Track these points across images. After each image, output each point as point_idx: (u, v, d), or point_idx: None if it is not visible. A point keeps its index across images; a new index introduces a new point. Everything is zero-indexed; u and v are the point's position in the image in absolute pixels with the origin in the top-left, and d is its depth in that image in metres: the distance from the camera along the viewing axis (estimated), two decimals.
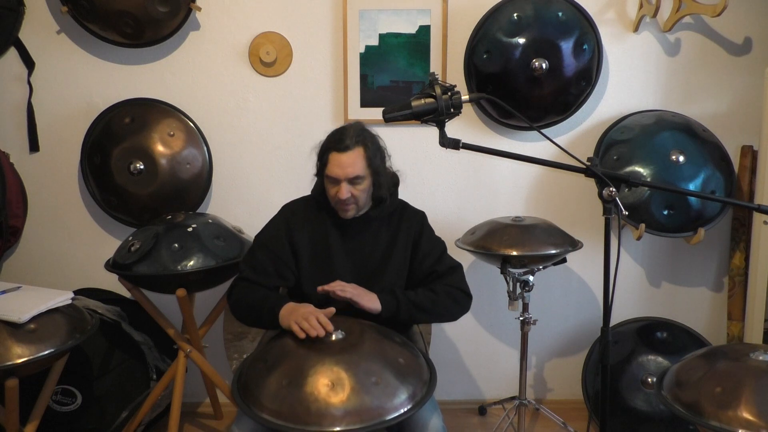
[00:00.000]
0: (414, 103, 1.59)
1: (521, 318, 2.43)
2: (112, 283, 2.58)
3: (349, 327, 1.67)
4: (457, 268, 1.98)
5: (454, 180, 2.75)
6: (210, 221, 2.39)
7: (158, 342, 2.60)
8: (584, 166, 1.58)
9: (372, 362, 1.53)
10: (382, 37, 2.62)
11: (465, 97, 1.59)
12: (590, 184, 2.72)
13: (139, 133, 2.54)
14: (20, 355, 1.86)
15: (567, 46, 2.50)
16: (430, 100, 1.58)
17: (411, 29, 2.61)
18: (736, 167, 2.63)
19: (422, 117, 1.60)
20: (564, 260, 2.39)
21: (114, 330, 2.45)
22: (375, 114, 2.58)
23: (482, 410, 2.84)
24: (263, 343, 1.99)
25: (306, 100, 2.68)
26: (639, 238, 2.46)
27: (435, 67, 2.63)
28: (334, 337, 1.61)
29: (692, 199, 2.46)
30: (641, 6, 2.59)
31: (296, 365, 1.53)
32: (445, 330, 2.87)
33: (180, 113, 2.63)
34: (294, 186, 2.69)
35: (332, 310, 1.72)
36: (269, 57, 2.61)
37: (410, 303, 1.86)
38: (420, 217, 2.04)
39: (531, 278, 2.32)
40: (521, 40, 2.48)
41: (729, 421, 1.47)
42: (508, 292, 2.37)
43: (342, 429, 1.41)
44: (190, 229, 2.30)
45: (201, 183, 2.64)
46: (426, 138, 2.70)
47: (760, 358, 1.59)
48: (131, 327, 2.52)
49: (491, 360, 2.89)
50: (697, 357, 1.71)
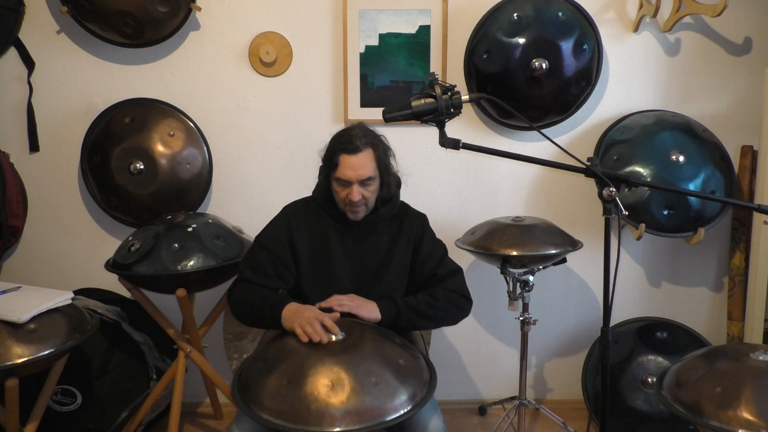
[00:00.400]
0: (414, 103, 1.59)
1: (521, 318, 2.43)
2: (112, 283, 2.58)
3: (350, 327, 1.67)
4: (458, 272, 1.98)
5: (454, 180, 2.75)
6: (210, 221, 2.39)
7: (158, 342, 2.60)
8: (584, 166, 1.58)
9: (372, 363, 1.53)
10: (382, 37, 2.62)
11: (465, 97, 1.59)
12: (590, 184, 2.72)
13: (139, 133, 2.54)
14: (20, 355, 1.86)
15: (567, 46, 2.50)
16: (430, 100, 1.58)
17: (411, 29, 2.61)
18: (736, 167, 2.63)
19: (422, 117, 1.59)
20: (564, 260, 2.39)
21: (114, 330, 2.45)
22: (375, 114, 2.58)
23: (482, 410, 2.84)
24: (263, 343, 1.99)
25: (306, 100, 2.68)
26: (639, 238, 2.46)
27: (435, 67, 2.63)
28: (335, 338, 1.61)
29: (692, 199, 2.46)
30: (641, 6, 2.59)
31: (296, 365, 1.53)
32: (445, 330, 2.86)
33: (180, 113, 2.63)
34: (294, 186, 2.69)
35: (337, 315, 1.72)
36: (269, 57, 2.61)
37: (410, 309, 1.85)
38: (421, 220, 2.04)
39: (531, 278, 2.32)
40: (521, 40, 2.48)
41: (729, 421, 1.47)
42: (508, 292, 2.37)
43: (342, 429, 1.41)
44: (190, 229, 2.30)
45: (201, 183, 2.64)
46: (426, 138, 2.70)
47: (760, 358, 1.59)
48: (131, 327, 2.52)
49: (491, 360, 2.89)
50: (697, 357, 1.71)
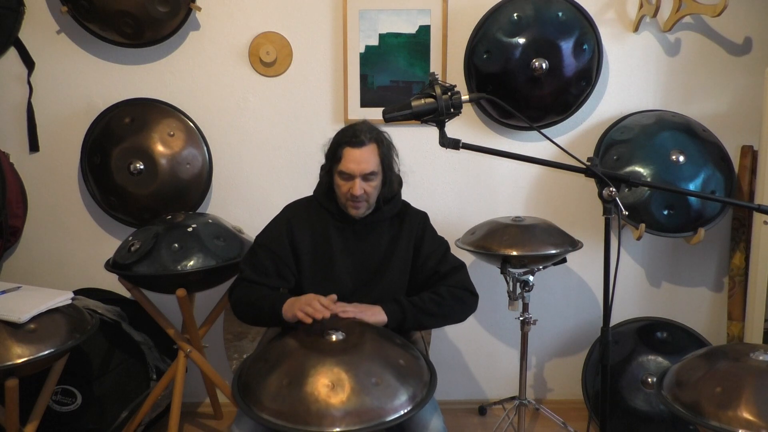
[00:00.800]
0: (414, 103, 1.59)
1: (521, 318, 2.43)
2: (112, 283, 2.58)
3: (350, 328, 1.67)
4: (461, 268, 1.97)
5: (454, 180, 2.75)
6: (210, 221, 2.39)
7: (158, 342, 2.60)
8: (584, 166, 1.58)
9: (372, 363, 1.53)
10: (382, 37, 2.62)
11: (465, 97, 1.59)
12: (590, 184, 2.72)
13: (139, 133, 2.54)
14: (20, 355, 1.86)
15: (567, 46, 2.50)
16: (430, 100, 1.58)
17: (411, 29, 2.61)
18: (736, 167, 2.63)
19: (422, 117, 1.59)
20: (564, 260, 2.39)
21: (114, 330, 2.45)
22: (375, 114, 2.57)
23: (482, 410, 2.84)
24: (263, 343, 1.99)
25: (306, 100, 2.68)
26: (639, 238, 2.46)
27: (435, 67, 2.63)
28: (335, 338, 1.60)
29: (692, 199, 2.46)
30: (641, 6, 2.58)
31: (297, 365, 1.53)
32: (446, 330, 2.86)
33: (180, 113, 2.63)
34: (294, 186, 2.69)
35: (333, 297, 1.75)
36: (269, 57, 2.61)
37: (416, 309, 1.85)
38: (422, 218, 2.04)
39: (531, 278, 2.32)
40: (521, 40, 2.48)
41: (729, 421, 1.47)
42: (508, 292, 2.37)
43: (342, 429, 1.41)
44: (190, 229, 2.30)
45: (201, 183, 2.64)
46: (426, 138, 2.70)
47: (760, 358, 1.59)
48: (131, 327, 2.52)
49: (491, 360, 2.89)
50: (697, 357, 1.71)
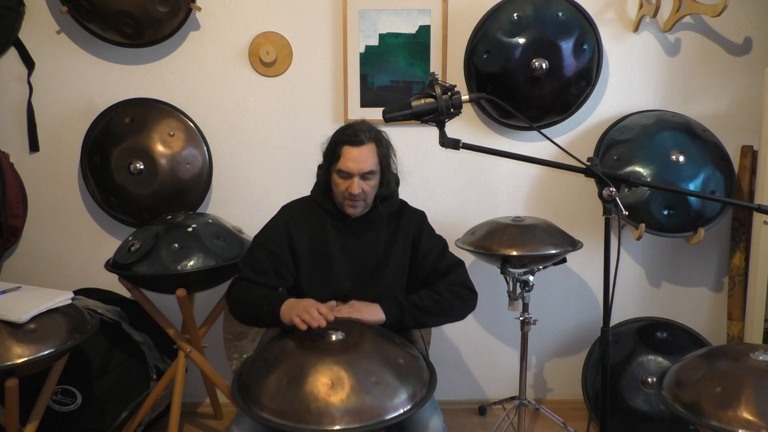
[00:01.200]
0: (414, 103, 1.59)
1: (521, 318, 2.43)
2: (112, 283, 2.58)
3: (349, 327, 1.67)
4: (460, 265, 1.97)
5: (454, 180, 2.75)
6: (210, 221, 2.39)
7: (158, 342, 2.60)
8: (584, 166, 1.58)
9: (372, 362, 1.53)
10: (382, 37, 2.62)
11: (465, 97, 1.59)
12: (590, 184, 2.72)
13: (139, 133, 2.54)
14: (20, 355, 1.86)
15: (567, 46, 2.50)
16: (430, 100, 1.58)
17: (411, 29, 2.61)
18: (736, 167, 2.63)
19: (422, 117, 1.59)
20: (564, 260, 2.39)
21: (114, 330, 2.45)
22: (375, 114, 2.58)
23: (482, 410, 2.84)
24: (263, 343, 1.99)
25: (306, 100, 2.68)
26: (639, 238, 2.46)
27: (435, 67, 2.63)
28: (334, 337, 1.60)
29: (692, 199, 2.46)
30: (641, 6, 2.59)
31: (296, 364, 1.53)
32: (445, 330, 2.86)
33: (180, 113, 2.63)
34: (294, 186, 2.69)
35: (332, 303, 1.72)
36: (269, 57, 2.61)
37: (414, 307, 1.85)
38: (419, 217, 2.04)
39: (531, 278, 2.32)
40: (521, 40, 2.48)
41: (729, 421, 1.47)
42: (508, 292, 2.37)
43: (341, 428, 1.41)
44: (190, 229, 2.30)
45: (201, 183, 2.64)
46: (426, 138, 2.70)
47: (760, 358, 1.59)
48: (131, 327, 2.52)
49: (491, 360, 2.89)
50: (697, 357, 1.71)
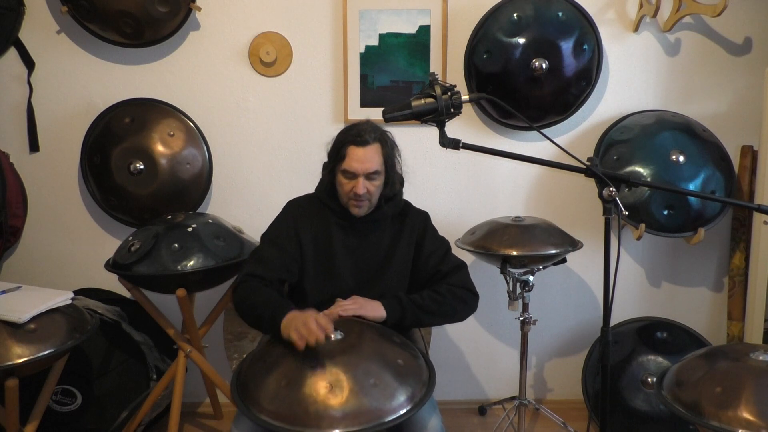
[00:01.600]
0: (414, 103, 1.59)
1: (521, 318, 2.43)
2: (112, 283, 2.58)
3: (349, 328, 1.66)
4: (462, 267, 1.98)
5: (454, 180, 2.75)
6: (210, 221, 2.39)
7: (158, 342, 2.60)
8: (584, 166, 1.58)
9: (371, 363, 1.53)
10: (382, 37, 2.62)
11: (465, 97, 1.59)
12: (590, 184, 2.72)
13: (139, 133, 2.53)
14: (20, 355, 1.86)
15: (567, 46, 2.50)
16: (430, 100, 1.58)
17: (411, 29, 2.61)
18: (736, 167, 2.63)
19: (422, 117, 1.59)
20: (564, 260, 2.39)
21: (114, 330, 2.45)
22: (375, 114, 2.57)
23: (482, 410, 2.84)
24: (263, 343, 1.98)
25: (306, 100, 2.68)
26: (639, 238, 2.46)
27: (435, 67, 2.63)
28: (333, 338, 1.60)
29: (692, 199, 2.46)
30: (641, 6, 2.58)
31: (295, 366, 1.53)
32: (445, 330, 2.86)
33: (180, 113, 2.63)
34: (294, 186, 2.69)
35: (335, 313, 1.72)
36: (269, 57, 2.61)
37: (415, 307, 1.85)
38: (423, 217, 2.04)
39: (531, 278, 2.32)
40: (521, 40, 2.48)
41: (729, 421, 1.47)
42: (508, 292, 2.37)
43: (341, 431, 1.41)
44: (190, 229, 2.30)
45: (201, 183, 2.64)
46: (426, 138, 2.70)
47: (760, 358, 1.59)
48: (131, 327, 2.52)
49: (491, 360, 2.89)
50: (697, 357, 1.71)
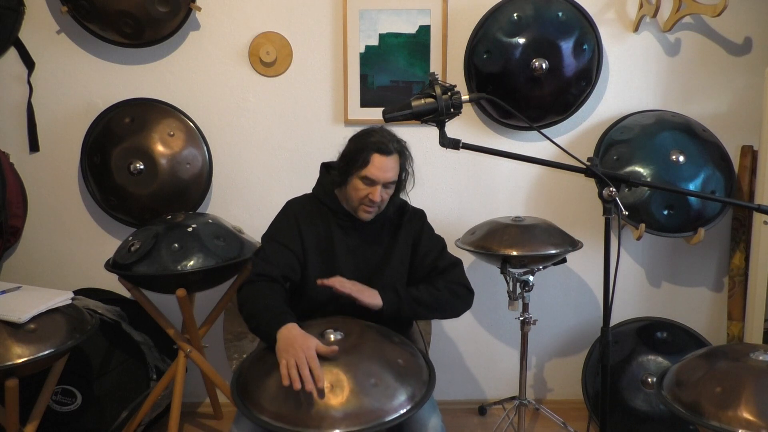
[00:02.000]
0: (414, 103, 1.59)
1: (521, 318, 2.43)
2: (112, 283, 2.58)
3: (349, 328, 1.66)
4: (458, 264, 2.00)
5: (454, 180, 2.75)
6: (210, 221, 2.39)
7: (158, 342, 2.60)
8: (584, 166, 1.58)
9: (371, 363, 1.53)
10: (382, 37, 2.62)
11: (465, 97, 1.59)
12: (590, 184, 2.72)
13: (139, 133, 2.53)
14: (20, 355, 1.86)
15: (567, 46, 2.50)
16: (430, 100, 1.58)
17: (411, 29, 2.61)
18: (736, 167, 2.63)
19: (422, 117, 1.59)
20: (564, 260, 2.39)
21: (114, 330, 2.45)
22: (375, 114, 2.58)
23: (482, 410, 2.84)
24: (263, 344, 1.98)
25: (306, 100, 2.68)
26: (639, 238, 2.46)
27: (435, 67, 2.63)
28: (333, 338, 1.60)
29: (692, 199, 2.46)
30: (641, 6, 2.58)
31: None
32: (445, 330, 2.87)
33: (180, 113, 2.63)
34: (294, 186, 2.68)
35: (335, 349, 1.53)
36: (269, 57, 2.61)
37: (412, 299, 1.87)
38: (420, 216, 2.06)
39: (531, 278, 2.32)
40: (521, 40, 2.48)
41: (729, 421, 1.47)
42: (508, 292, 2.37)
43: (341, 431, 1.41)
44: (190, 229, 2.30)
45: (201, 183, 2.64)
46: (426, 138, 2.70)
47: (760, 358, 1.59)
48: (131, 327, 2.52)
49: (491, 360, 2.89)
50: (697, 357, 1.71)
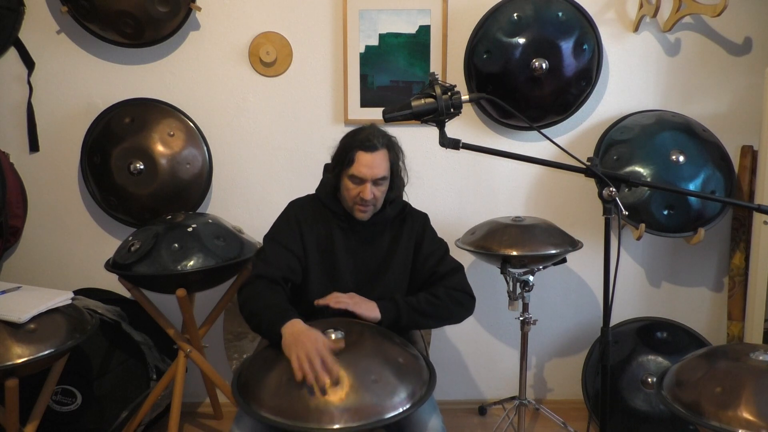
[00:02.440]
0: (414, 103, 1.59)
1: (521, 318, 2.43)
2: (112, 283, 2.58)
3: (349, 327, 1.66)
4: (459, 270, 1.98)
5: (454, 180, 2.75)
6: (210, 221, 2.39)
7: (158, 342, 2.60)
8: (584, 166, 1.58)
9: (372, 361, 1.53)
10: (382, 37, 2.62)
11: (465, 97, 1.59)
12: (590, 184, 2.72)
13: (139, 133, 2.54)
14: (20, 355, 1.87)
15: (567, 46, 2.50)
16: (430, 100, 1.58)
17: (411, 29, 2.61)
18: (736, 167, 2.63)
19: (422, 117, 1.59)
20: (564, 260, 2.39)
21: (114, 330, 2.45)
22: (375, 114, 2.58)
23: (482, 410, 2.84)
24: (263, 343, 1.98)
25: (306, 100, 2.68)
26: (639, 238, 2.46)
27: (435, 67, 2.63)
28: (334, 337, 1.60)
29: (692, 199, 2.46)
30: (641, 6, 2.59)
31: None
32: (445, 330, 2.86)
33: (180, 113, 2.63)
34: (294, 186, 2.69)
35: (342, 342, 1.59)
36: (269, 57, 2.61)
37: (411, 309, 1.85)
38: (422, 219, 2.04)
39: (531, 278, 2.32)
40: (521, 40, 2.48)
41: (729, 421, 1.47)
42: (508, 292, 2.37)
43: (341, 427, 1.41)
44: (190, 229, 2.30)
45: (201, 183, 2.64)
46: (426, 138, 2.70)
47: (760, 358, 1.59)
48: (131, 327, 2.52)
49: (491, 360, 2.89)
50: (697, 357, 1.71)
